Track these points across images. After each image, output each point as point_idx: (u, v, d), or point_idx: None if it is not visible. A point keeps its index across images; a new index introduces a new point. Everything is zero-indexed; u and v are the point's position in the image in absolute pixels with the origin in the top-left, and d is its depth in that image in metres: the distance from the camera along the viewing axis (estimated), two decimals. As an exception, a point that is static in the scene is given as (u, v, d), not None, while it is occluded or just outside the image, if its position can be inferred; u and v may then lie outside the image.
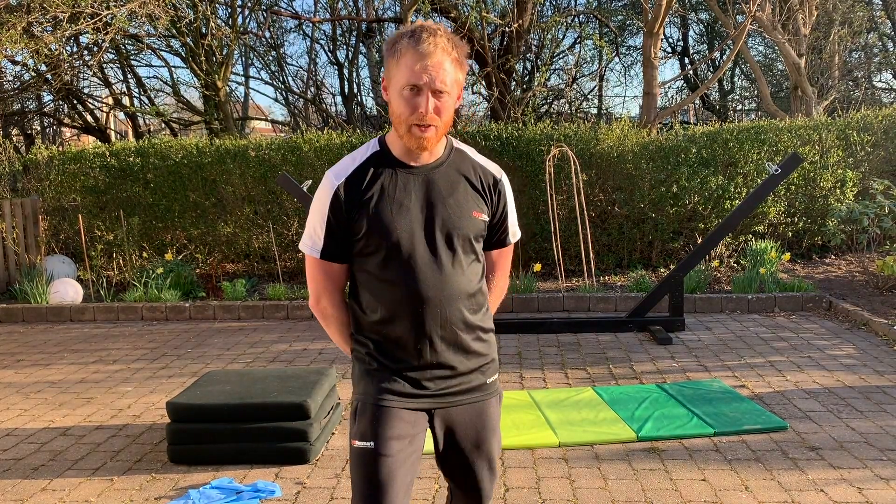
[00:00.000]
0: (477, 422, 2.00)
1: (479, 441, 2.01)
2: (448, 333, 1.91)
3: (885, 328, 5.73)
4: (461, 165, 1.95)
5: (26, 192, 8.94)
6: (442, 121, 1.82)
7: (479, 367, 1.99)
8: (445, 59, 1.78)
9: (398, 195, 1.87)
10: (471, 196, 1.93)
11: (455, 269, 1.90)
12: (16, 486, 3.53)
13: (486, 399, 2.01)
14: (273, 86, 16.80)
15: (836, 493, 3.22)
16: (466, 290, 1.92)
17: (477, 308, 1.97)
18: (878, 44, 16.51)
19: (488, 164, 2.02)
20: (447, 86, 1.79)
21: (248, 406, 3.68)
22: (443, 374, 1.93)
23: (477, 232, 1.94)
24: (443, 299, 1.88)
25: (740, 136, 8.12)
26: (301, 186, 6.08)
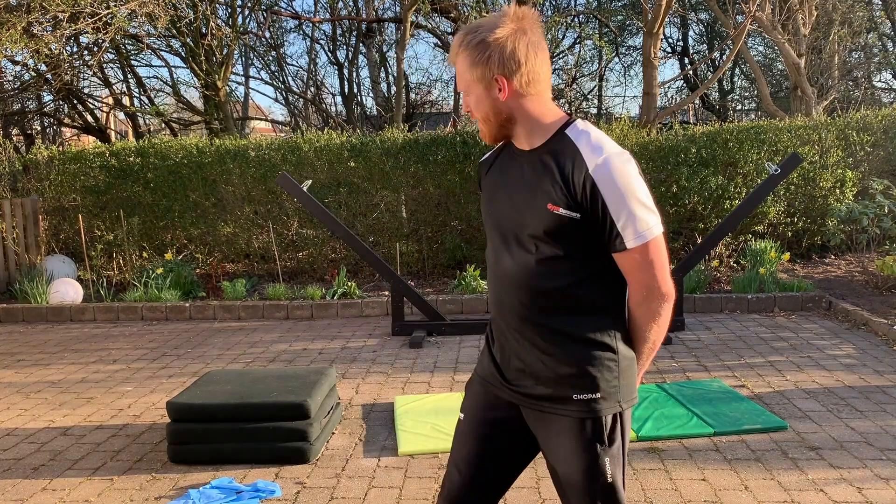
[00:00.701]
0: (551, 439, 1.85)
1: (551, 463, 1.88)
2: (520, 326, 1.82)
3: (884, 328, 5.73)
4: (557, 152, 1.77)
5: (26, 192, 8.94)
6: (480, 117, 1.82)
7: (558, 376, 1.80)
8: (458, 60, 1.81)
9: (498, 179, 1.91)
10: (550, 186, 1.75)
11: (523, 260, 1.80)
12: (16, 486, 3.53)
13: (562, 415, 1.81)
14: (273, 86, 16.82)
15: (836, 493, 3.22)
16: (535, 285, 1.78)
17: (557, 309, 1.78)
18: (878, 44, 16.52)
19: (590, 150, 1.74)
20: (464, 86, 1.82)
21: (248, 406, 3.68)
22: (518, 366, 1.86)
23: (550, 227, 1.74)
24: (511, 289, 1.82)
25: (740, 136, 8.12)
26: (301, 186, 6.08)
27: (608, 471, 1.81)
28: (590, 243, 1.76)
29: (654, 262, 1.75)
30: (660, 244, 1.76)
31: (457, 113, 15.24)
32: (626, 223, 1.71)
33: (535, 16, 1.78)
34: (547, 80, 1.81)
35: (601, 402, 1.79)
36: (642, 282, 1.76)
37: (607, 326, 1.80)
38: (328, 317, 7.13)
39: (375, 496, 3.32)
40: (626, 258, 1.75)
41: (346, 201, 8.25)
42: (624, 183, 1.71)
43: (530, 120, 1.79)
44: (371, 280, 8.22)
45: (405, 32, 10.93)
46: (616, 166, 1.71)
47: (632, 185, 1.73)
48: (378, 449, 3.85)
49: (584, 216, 1.72)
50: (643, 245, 1.73)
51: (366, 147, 8.16)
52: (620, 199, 1.71)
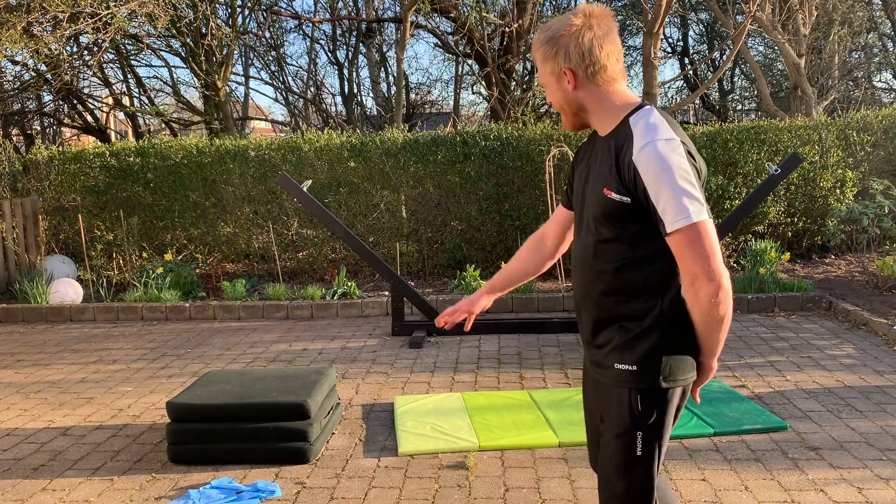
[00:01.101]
0: (597, 403, 2.02)
1: (596, 426, 2.07)
2: (584, 301, 1.99)
3: (884, 328, 5.73)
4: (618, 138, 1.87)
5: (26, 192, 8.94)
6: (556, 107, 1.99)
7: (606, 346, 1.94)
8: (535, 58, 1.99)
9: (584, 164, 2.04)
10: (609, 171, 1.85)
11: (587, 242, 1.95)
12: (16, 486, 3.53)
13: (605, 382, 1.94)
14: (273, 86, 16.82)
15: (836, 493, 3.22)
16: (594, 265, 1.92)
17: (612, 287, 1.89)
18: (878, 44, 16.52)
19: (640, 136, 1.81)
20: (542, 82, 2.00)
21: (248, 406, 3.68)
22: (586, 336, 2.04)
23: (605, 210, 1.86)
24: (579, 267, 2.00)
25: (740, 136, 8.12)
26: (301, 186, 6.08)
27: (638, 446, 1.89)
28: (641, 227, 1.84)
29: (694, 247, 1.77)
30: (700, 230, 1.76)
31: (457, 113, 15.24)
32: (664, 208, 1.77)
33: (605, 12, 1.90)
34: (615, 69, 1.91)
35: (637, 375, 1.88)
36: (685, 266, 1.81)
37: (655, 306, 1.87)
38: (328, 317, 7.13)
39: (375, 496, 3.32)
40: (671, 242, 1.81)
41: (346, 201, 8.25)
42: (661, 169, 1.76)
43: (600, 108, 1.92)
44: (371, 280, 8.22)
45: (405, 32, 10.93)
46: (656, 152, 1.77)
47: (669, 172, 1.76)
48: (378, 449, 3.85)
49: (634, 201, 1.81)
50: (681, 230, 1.76)
51: (366, 147, 8.16)
52: (657, 185, 1.76)
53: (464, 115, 15.99)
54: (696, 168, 1.81)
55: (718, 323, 1.83)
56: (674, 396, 1.90)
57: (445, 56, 16.60)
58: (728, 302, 1.80)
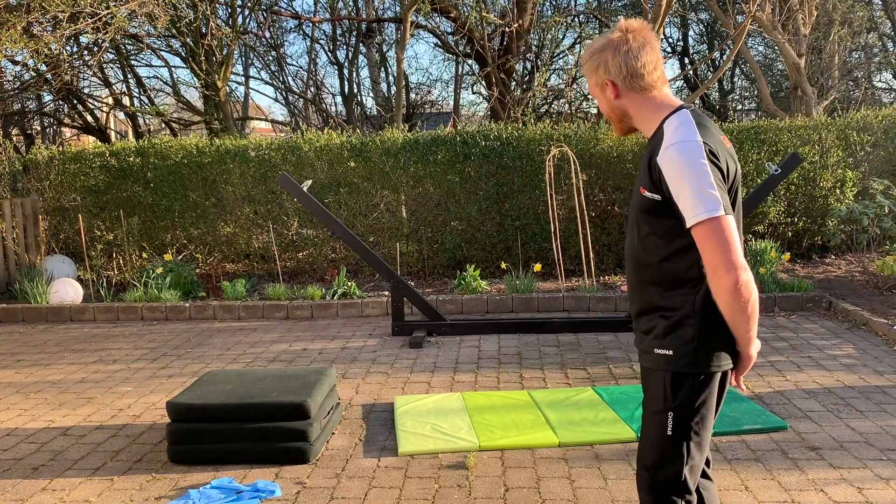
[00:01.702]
0: (644, 385, 2.15)
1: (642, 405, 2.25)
2: (631, 291, 2.16)
3: (885, 328, 5.73)
4: (655, 141, 2.04)
5: (26, 192, 8.94)
6: (606, 115, 2.18)
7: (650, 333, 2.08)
8: (585, 71, 2.17)
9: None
10: (644, 172, 2.03)
11: (633, 237, 2.11)
12: (16, 486, 3.53)
13: (645, 365, 2.11)
14: (273, 86, 16.82)
15: (836, 493, 3.22)
16: (639, 259, 2.08)
17: (653, 278, 2.06)
18: (878, 44, 16.52)
19: (668, 139, 1.97)
20: (593, 94, 2.18)
21: (248, 406, 3.68)
22: (634, 324, 2.19)
23: (644, 207, 2.04)
24: (629, 260, 2.15)
25: (740, 136, 8.12)
26: (301, 186, 6.08)
27: (669, 425, 2.04)
28: (674, 223, 1.98)
29: (712, 240, 1.90)
30: (717, 225, 1.89)
31: (457, 113, 15.25)
32: (684, 205, 1.92)
33: (642, 25, 2.09)
34: (653, 77, 2.06)
35: (672, 360, 2.03)
36: (706, 259, 1.94)
37: (690, 295, 2.01)
38: (328, 317, 7.13)
39: (375, 496, 3.32)
40: (694, 236, 1.94)
41: (346, 201, 8.25)
42: (678, 169, 1.92)
43: (641, 113, 2.10)
44: (371, 280, 8.22)
45: (405, 32, 10.92)
46: (675, 153, 1.93)
47: (685, 171, 1.91)
48: (378, 449, 3.85)
49: (663, 198, 1.98)
50: (699, 225, 1.90)
51: (366, 147, 8.16)
52: (678, 184, 1.92)
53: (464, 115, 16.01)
54: (720, 167, 1.94)
55: (742, 312, 1.93)
56: (708, 383, 2.03)
57: (445, 56, 16.61)
58: (750, 292, 1.90)
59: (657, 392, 2.07)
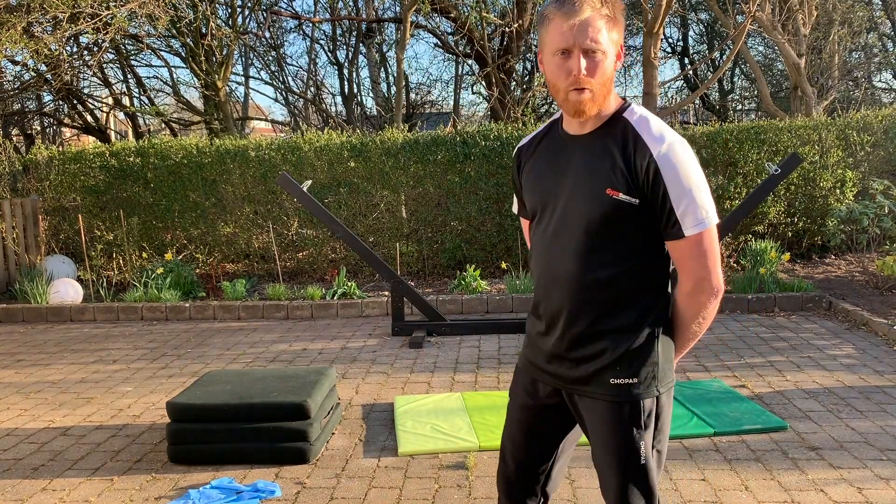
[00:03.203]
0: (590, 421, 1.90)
1: (591, 443, 1.94)
2: (566, 311, 1.82)
3: (885, 328, 5.73)
4: (615, 135, 1.76)
5: (26, 192, 8.94)
6: (597, 82, 1.71)
7: (596, 359, 1.82)
8: (594, 15, 1.68)
9: (546, 164, 1.89)
10: (611, 171, 1.73)
11: (572, 250, 1.79)
12: (16, 486, 3.53)
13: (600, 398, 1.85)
14: (273, 86, 16.81)
15: (836, 493, 3.22)
16: (583, 275, 1.78)
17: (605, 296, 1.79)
18: (878, 44, 16.52)
19: (652, 134, 1.74)
20: (599, 44, 1.69)
21: (248, 406, 3.68)
22: (562, 350, 1.87)
23: (607, 213, 1.73)
24: (561, 276, 1.82)
25: (740, 136, 8.12)
26: (301, 186, 6.08)
27: (642, 453, 1.83)
28: (642, 231, 1.76)
29: (708, 252, 1.74)
30: (715, 235, 1.75)
31: (457, 113, 15.24)
32: (685, 210, 1.71)
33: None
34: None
35: (639, 387, 1.81)
36: (694, 272, 1.75)
37: (650, 315, 1.81)
38: (328, 317, 7.13)
39: (375, 496, 3.32)
40: (681, 246, 1.74)
41: (346, 201, 8.25)
42: (687, 170, 1.71)
43: (609, 96, 1.78)
44: (371, 280, 8.22)
45: (405, 32, 10.92)
46: (680, 153, 1.72)
47: (694, 173, 1.72)
48: (378, 449, 3.85)
49: (643, 202, 1.72)
50: (700, 234, 1.72)
51: (366, 147, 8.16)
52: (683, 186, 1.70)
53: (464, 115, 16.00)
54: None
55: (706, 327, 1.84)
56: (668, 399, 1.88)
57: (445, 56, 16.60)
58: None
59: (622, 427, 1.82)
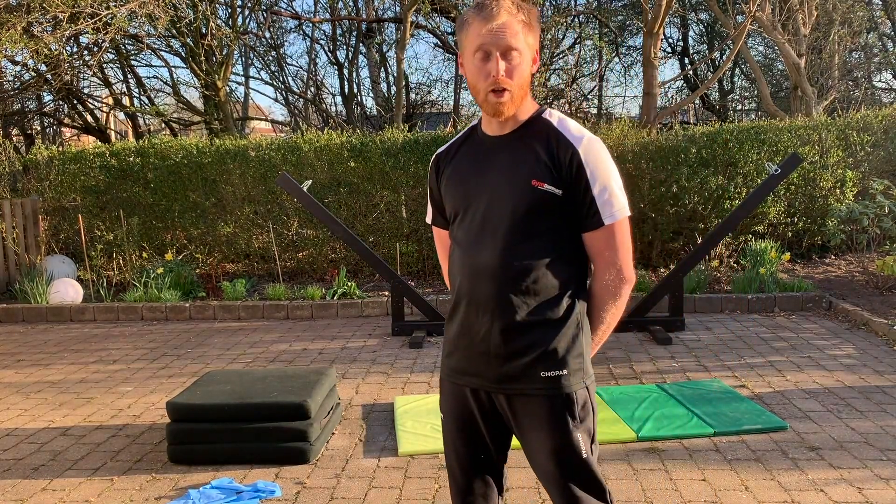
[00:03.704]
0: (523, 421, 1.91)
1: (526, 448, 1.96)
2: (493, 308, 1.84)
3: (885, 328, 5.73)
4: (536, 133, 1.86)
5: (26, 192, 8.94)
6: (515, 83, 1.80)
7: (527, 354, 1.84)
8: (511, 20, 1.78)
9: (468, 165, 1.94)
10: (534, 164, 1.82)
11: (499, 244, 1.83)
12: (16, 486, 3.53)
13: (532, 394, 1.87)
14: (273, 86, 16.81)
15: (836, 493, 3.22)
16: (510, 268, 1.82)
17: (531, 288, 1.82)
18: (878, 44, 16.51)
19: (572, 132, 1.84)
20: (516, 47, 1.78)
21: (248, 406, 3.68)
22: (487, 349, 1.88)
23: (533, 204, 1.81)
24: (487, 271, 1.84)
25: (740, 136, 8.12)
26: (301, 186, 6.08)
27: (581, 448, 1.86)
28: (565, 223, 1.84)
29: (624, 241, 1.86)
30: (628, 226, 1.87)
31: (457, 113, 15.24)
32: (605, 201, 1.81)
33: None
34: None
35: (570, 379, 1.85)
36: (610, 261, 1.85)
37: (575, 305, 1.87)
38: (328, 317, 7.13)
39: (375, 496, 3.32)
40: (599, 236, 1.84)
41: (346, 201, 8.25)
42: (606, 164, 1.83)
43: (526, 97, 1.87)
44: (371, 280, 8.22)
45: (405, 32, 10.92)
46: (599, 148, 1.83)
47: (611, 168, 1.84)
48: (378, 449, 3.85)
49: (566, 193, 1.81)
50: (617, 223, 1.83)
51: (366, 147, 8.16)
52: (603, 178, 1.81)
53: (464, 115, 15.98)
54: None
55: (618, 317, 1.92)
56: (595, 395, 1.93)
57: (445, 56, 16.61)
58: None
59: (556, 421, 1.84)
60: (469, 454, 2.02)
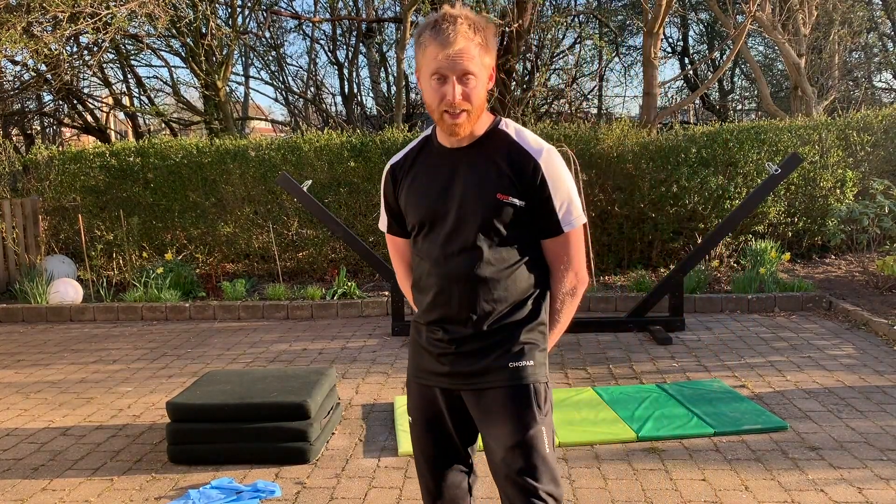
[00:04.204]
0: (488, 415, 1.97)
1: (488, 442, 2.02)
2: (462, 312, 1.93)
3: (885, 328, 5.73)
4: (496, 146, 1.92)
5: (26, 192, 8.94)
6: (473, 105, 1.85)
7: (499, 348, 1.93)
8: (469, 44, 1.81)
9: (428, 177, 1.97)
10: (497, 178, 1.89)
11: (470, 252, 1.90)
12: (16, 486, 3.53)
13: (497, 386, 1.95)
14: (273, 86, 16.81)
15: (836, 493, 3.22)
16: (481, 274, 1.90)
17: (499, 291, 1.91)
18: (878, 44, 16.51)
19: (530, 144, 1.92)
20: (472, 72, 1.82)
21: (248, 406, 3.68)
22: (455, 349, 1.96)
23: (498, 215, 1.89)
24: (456, 277, 1.92)
25: (740, 136, 8.12)
26: (301, 186, 6.08)
27: (545, 439, 1.93)
28: (528, 231, 1.93)
29: (580, 247, 1.98)
30: (584, 231, 2.00)
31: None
32: (566, 209, 1.92)
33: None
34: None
35: (535, 370, 1.94)
36: (569, 263, 1.97)
37: (541, 305, 1.97)
38: (328, 317, 7.13)
39: (375, 496, 3.32)
40: (558, 242, 1.95)
41: (346, 201, 8.25)
42: (564, 173, 1.93)
43: (482, 114, 1.92)
44: (371, 280, 8.22)
45: (405, 32, 10.92)
46: (557, 159, 1.92)
47: (569, 177, 1.94)
48: (378, 449, 3.85)
49: (528, 203, 1.90)
50: (574, 230, 1.95)
51: (366, 147, 8.16)
52: (562, 187, 1.91)
53: (464, 115, 15.93)
54: None
55: (571, 316, 2.03)
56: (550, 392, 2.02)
57: (445, 56, 16.53)
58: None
59: (521, 411, 1.92)
60: (437, 455, 2.07)
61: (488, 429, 1.96)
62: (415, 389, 2.08)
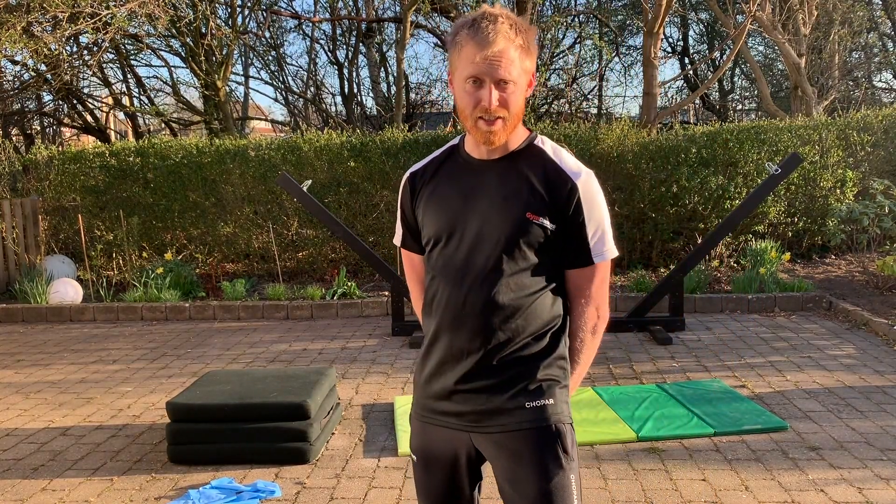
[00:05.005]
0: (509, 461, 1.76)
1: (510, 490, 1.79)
2: (480, 341, 1.73)
3: (885, 328, 5.73)
4: (531, 162, 1.76)
5: (26, 192, 8.94)
6: (511, 112, 1.68)
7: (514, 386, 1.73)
8: (509, 46, 1.65)
9: (451, 189, 1.80)
10: (530, 196, 1.72)
11: (491, 274, 1.72)
12: (16, 486, 3.53)
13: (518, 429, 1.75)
14: (273, 86, 16.82)
15: (836, 493, 3.22)
16: (499, 301, 1.72)
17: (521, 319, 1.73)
18: (878, 44, 16.51)
19: (570, 165, 1.76)
20: (512, 75, 1.66)
21: (248, 406, 3.68)
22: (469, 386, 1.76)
23: (525, 237, 1.71)
24: (473, 302, 1.73)
25: (740, 136, 8.12)
26: (301, 186, 6.08)
27: (574, 488, 1.74)
28: (551, 257, 1.76)
29: (606, 280, 1.82)
30: (609, 264, 1.82)
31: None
32: (599, 238, 1.77)
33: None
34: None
35: (557, 409, 1.75)
36: (593, 297, 1.80)
37: (561, 337, 1.79)
38: (328, 317, 7.13)
39: (375, 496, 3.32)
40: (585, 274, 1.79)
41: (346, 201, 8.25)
42: (600, 202, 1.78)
43: (519, 124, 1.76)
44: (371, 280, 8.22)
45: (405, 32, 10.92)
46: (595, 185, 1.77)
47: (604, 207, 1.80)
48: (378, 449, 3.85)
49: (560, 228, 1.73)
50: (605, 263, 1.79)
51: (366, 147, 8.16)
52: (597, 217, 1.76)
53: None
54: None
55: (593, 355, 1.86)
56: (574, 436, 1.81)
57: (445, 56, 16.58)
58: None
59: (544, 455, 1.71)
60: (443, 496, 1.88)
61: (505, 472, 1.77)
62: (418, 427, 1.87)
